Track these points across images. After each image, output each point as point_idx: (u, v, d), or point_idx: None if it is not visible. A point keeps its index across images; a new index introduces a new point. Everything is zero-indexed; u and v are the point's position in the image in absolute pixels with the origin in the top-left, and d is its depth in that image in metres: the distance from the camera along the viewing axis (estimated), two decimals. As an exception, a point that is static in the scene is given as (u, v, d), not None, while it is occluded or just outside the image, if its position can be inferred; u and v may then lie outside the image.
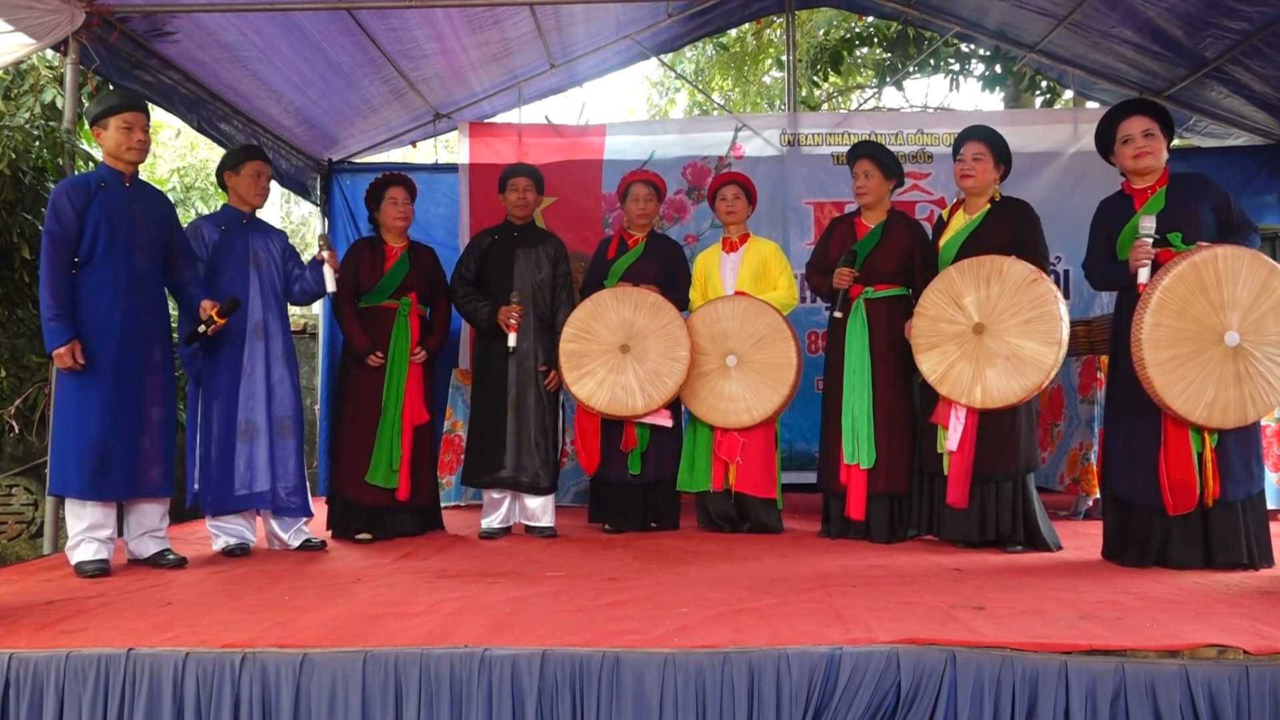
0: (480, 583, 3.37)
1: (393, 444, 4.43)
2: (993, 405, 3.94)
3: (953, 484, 4.02)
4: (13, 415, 4.29)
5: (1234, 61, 5.60)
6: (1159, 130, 3.75)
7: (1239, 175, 6.41)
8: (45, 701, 2.45)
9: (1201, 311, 3.48)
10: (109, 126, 3.76)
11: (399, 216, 4.56)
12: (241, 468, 4.11)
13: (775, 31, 10.00)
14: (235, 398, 4.11)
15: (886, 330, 4.35)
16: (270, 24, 4.96)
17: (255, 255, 4.24)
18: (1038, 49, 6.53)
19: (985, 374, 3.94)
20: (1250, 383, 3.46)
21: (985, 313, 3.96)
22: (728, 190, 4.79)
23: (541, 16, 5.82)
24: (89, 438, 3.61)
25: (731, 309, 4.58)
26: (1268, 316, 3.46)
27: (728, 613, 2.83)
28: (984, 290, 3.95)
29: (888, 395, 4.33)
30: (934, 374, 4.04)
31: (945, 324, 4.03)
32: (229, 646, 2.50)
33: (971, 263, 3.99)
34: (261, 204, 4.36)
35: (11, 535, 5.92)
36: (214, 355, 4.12)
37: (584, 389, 4.56)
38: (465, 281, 4.72)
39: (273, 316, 4.24)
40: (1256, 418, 3.51)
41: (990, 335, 3.95)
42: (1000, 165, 4.16)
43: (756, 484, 4.56)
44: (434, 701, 2.40)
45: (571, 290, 4.81)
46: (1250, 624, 2.61)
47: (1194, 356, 3.48)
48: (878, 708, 2.36)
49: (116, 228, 3.71)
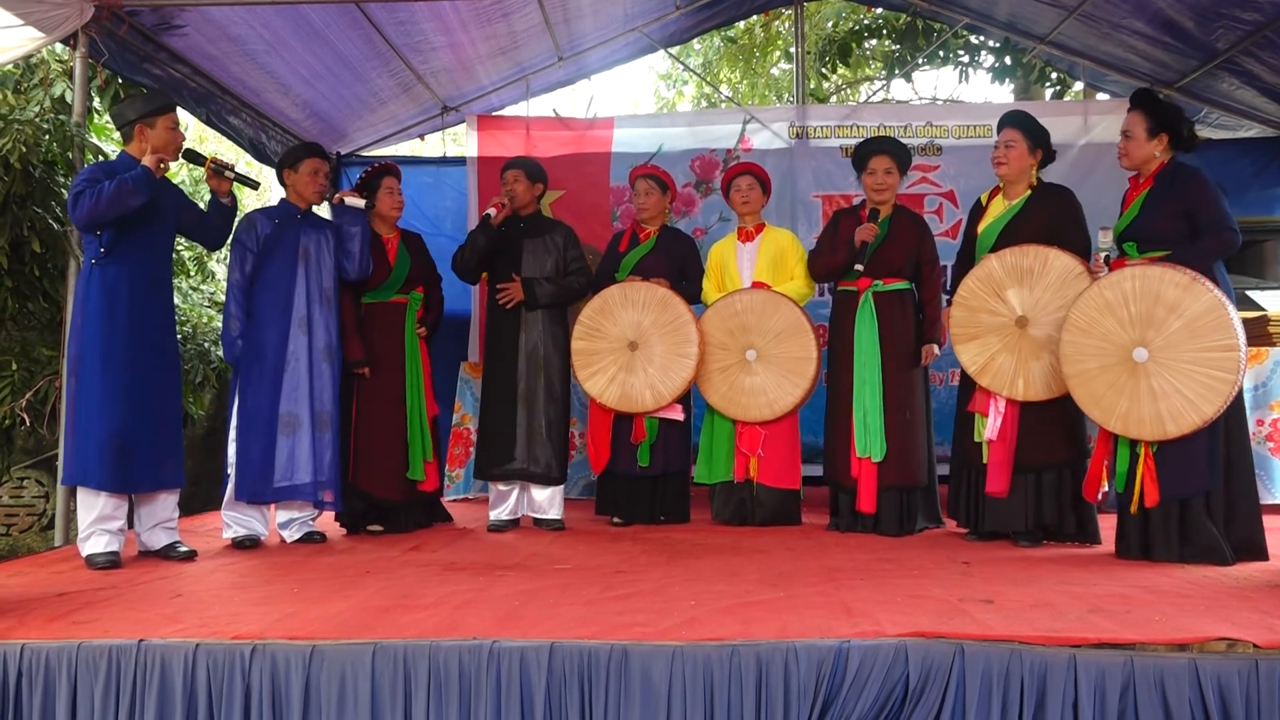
0: (488, 575, 3.38)
1: (423, 438, 4.48)
2: (1035, 398, 3.92)
3: (993, 473, 3.99)
4: (24, 408, 4.30)
5: (1246, 53, 5.56)
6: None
7: (1250, 167, 6.37)
8: (58, 692, 2.47)
9: (1109, 329, 3.56)
10: (156, 125, 3.82)
11: (395, 205, 4.58)
12: (283, 459, 4.13)
13: (784, 23, 9.95)
14: (278, 389, 4.15)
15: (895, 323, 4.34)
16: (279, 17, 4.96)
17: (305, 251, 4.26)
18: (1048, 40, 6.48)
19: (1030, 367, 3.91)
20: (1166, 400, 3.46)
21: (1028, 305, 3.91)
22: (742, 180, 4.77)
23: (549, 9, 5.80)
24: (110, 429, 3.64)
25: (749, 302, 4.56)
26: (1179, 335, 3.45)
27: (736, 605, 2.83)
28: (1026, 282, 3.91)
29: (897, 388, 4.32)
30: (974, 365, 4.01)
31: (986, 315, 3.99)
32: (239, 638, 2.51)
33: (1013, 252, 3.94)
34: (319, 201, 4.38)
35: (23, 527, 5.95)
36: (255, 346, 4.16)
37: (595, 386, 4.58)
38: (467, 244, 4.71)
39: (318, 312, 4.25)
40: (1178, 433, 3.47)
41: (1035, 327, 3.91)
42: (1037, 150, 4.08)
43: (779, 476, 4.56)
44: (443, 693, 2.41)
45: (588, 273, 4.80)
46: (1260, 617, 2.61)
47: (1102, 372, 3.58)
48: (886, 700, 2.36)
49: (140, 220, 3.75)
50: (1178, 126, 3.72)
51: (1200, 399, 3.42)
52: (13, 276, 4.38)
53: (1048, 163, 4.16)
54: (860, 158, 4.49)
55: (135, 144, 3.82)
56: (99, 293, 3.69)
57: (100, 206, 3.59)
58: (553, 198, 6.43)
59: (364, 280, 4.43)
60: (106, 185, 3.60)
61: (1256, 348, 4.94)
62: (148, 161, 3.70)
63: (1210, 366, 3.41)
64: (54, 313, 4.49)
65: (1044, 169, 4.16)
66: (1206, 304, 3.42)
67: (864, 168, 4.46)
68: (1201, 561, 3.47)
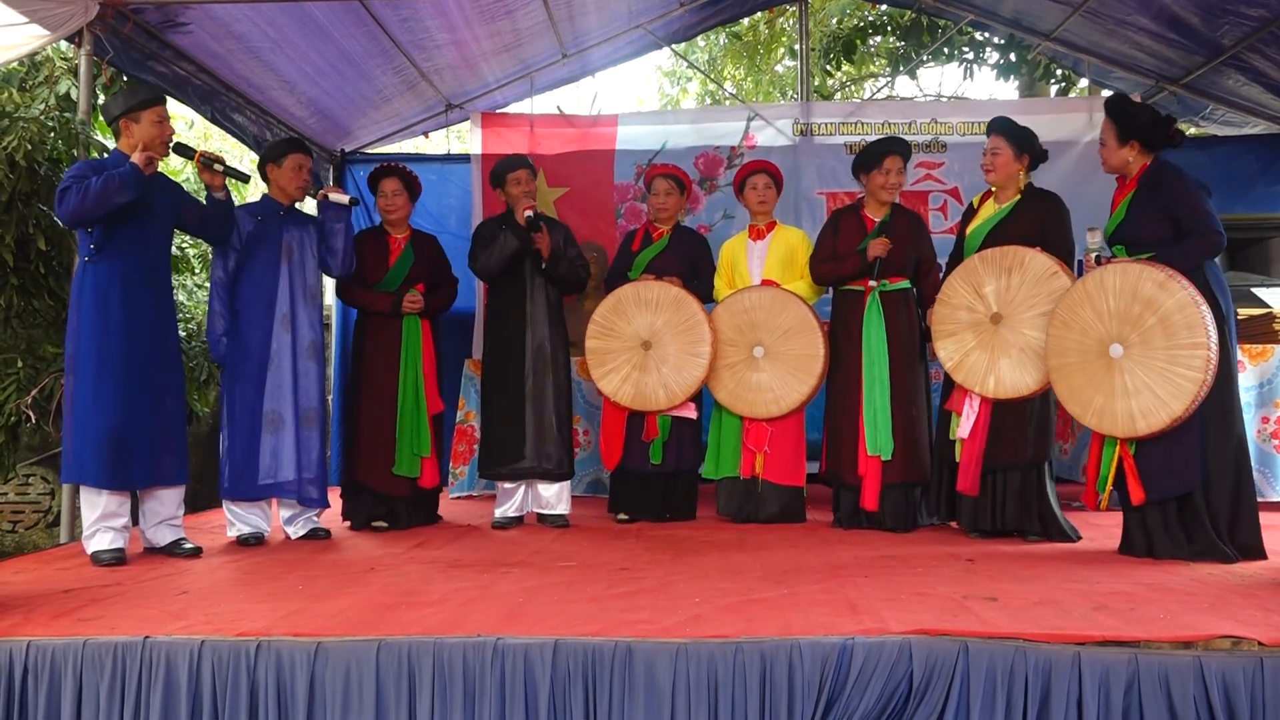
0: (493, 572, 3.38)
1: (415, 433, 4.47)
2: (1005, 395, 3.96)
3: (963, 471, 4.07)
4: (29, 405, 4.31)
5: (1251, 49, 5.54)
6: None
7: (1255, 164, 6.36)
8: (63, 689, 2.48)
9: (1087, 324, 3.60)
10: (141, 120, 3.78)
11: (387, 208, 4.58)
12: (266, 457, 4.14)
13: (788, 20, 9.93)
14: (262, 387, 4.15)
15: (899, 322, 4.37)
16: (283, 15, 4.97)
17: (288, 247, 4.25)
18: (1053, 37, 6.47)
19: (999, 364, 3.97)
20: (1138, 397, 3.47)
21: (1003, 303, 3.97)
22: (758, 179, 4.77)
23: (553, 6, 5.80)
24: (106, 427, 3.64)
25: (758, 299, 4.57)
26: (1154, 331, 3.45)
27: (740, 603, 2.83)
28: (1004, 280, 3.97)
29: (903, 387, 4.34)
30: (950, 361, 4.08)
31: (964, 312, 4.06)
32: (244, 635, 2.52)
33: (995, 252, 4.00)
34: (301, 197, 4.36)
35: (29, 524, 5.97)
36: (240, 343, 4.16)
37: (609, 385, 4.60)
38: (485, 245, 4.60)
39: (302, 309, 4.25)
40: (1149, 430, 3.47)
41: (1007, 326, 3.96)
42: (1023, 156, 4.12)
43: (784, 473, 4.57)
44: (447, 690, 2.41)
45: (588, 268, 4.81)
46: (1265, 615, 2.60)
47: (1081, 366, 3.61)
48: (890, 698, 2.36)
49: (130, 217, 3.73)
50: (1150, 131, 3.71)
51: (1170, 397, 3.43)
52: (18, 274, 4.39)
53: (1038, 164, 4.19)
54: (873, 156, 4.45)
55: (124, 140, 3.79)
56: (92, 290, 3.68)
57: (86, 203, 3.55)
58: (556, 195, 6.43)
59: (348, 276, 4.43)
60: (94, 181, 3.56)
61: (1262, 345, 4.93)
62: (137, 159, 3.65)
63: (1180, 365, 3.41)
64: (59, 310, 4.50)
65: (1036, 169, 4.19)
66: (1179, 301, 3.41)
67: (877, 166, 4.43)
68: (1206, 559, 3.46)
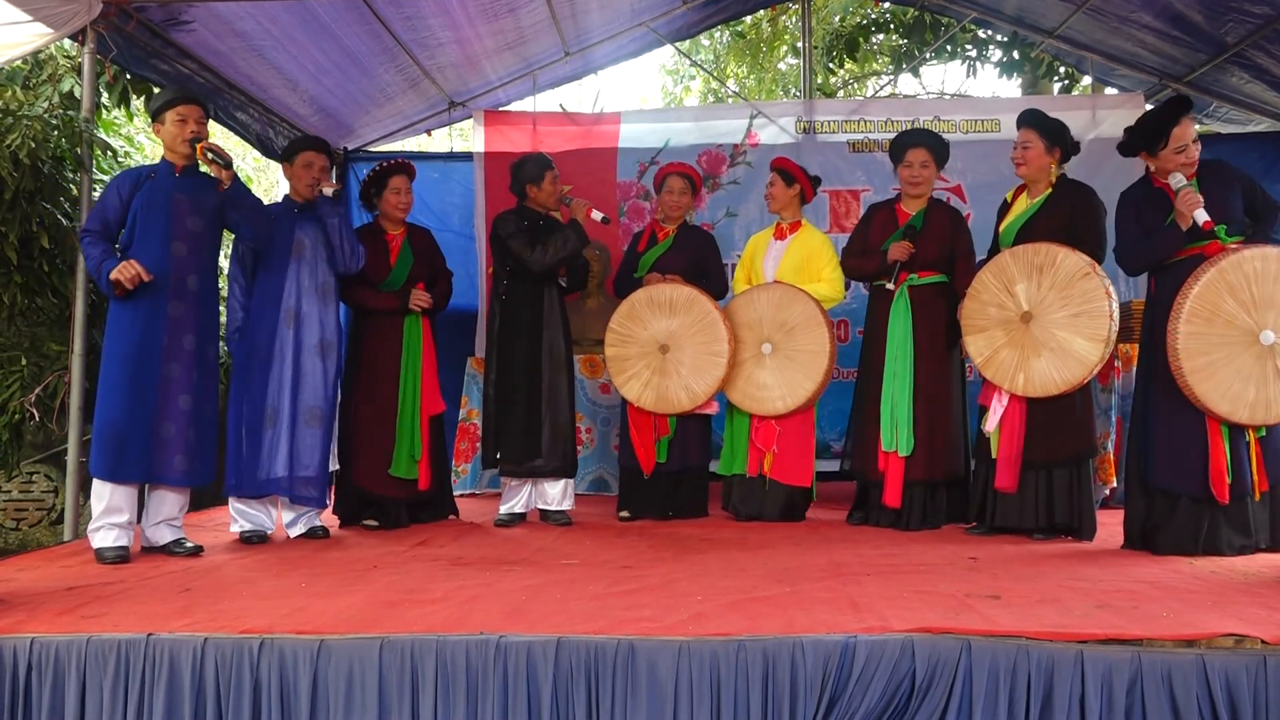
0: (496, 570, 3.39)
1: (413, 436, 4.46)
2: (1034, 394, 3.93)
3: (1001, 468, 4.01)
4: (33, 403, 4.32)
5: (1255, 46, 5.53)
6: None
7: (1259, 162, 6.33)
8: (67, 685, 2.49)
9: (1232, 314, 3.47)
10: (165, 120, 3.88)
11: (400, 205, 4.56)
12: (264, 454, 4.14)
13: (791, 18, 9.93)
14: (266, 384, 4.15)
15: (929, 317, 4.34)
16: (286, 13, 4.97)
17: (299, 245, 4.25)
18: (1056, 34, 6.46)
19: (1030, 363, 3.93)
20: None
21: (1034, 301, 3.92)
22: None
23: (556, 4, 5.80)
24: (105, 420, 3.71)
25: (765, 296, 4.57)
26: None
27: (742, 601, 2.83)
28: (1035, 278, 3.93)
29: (929, 382, 4.31)
30: (980, 357, 4.05)
31: (995, 309, 4.02)
32: (247, 632, 2.52)
33: (1026, 249, 3.96)
34: (312, 194, 4.30)
35: (32, 522, 5.97)
36: (248, 339, 4.19)
37: (631, 390, 4.61)
38: (529, 241, 4.52)
39: (310, 306, 4.23)
40: None
41: (1037, 325, 3.92)
42: (1055, 149, 4.08)
43: (792, 473, 4.55)
44: (450, 688, 2.42)
45: (587, 265, 4.82)
46: (1268, 613, 2.60)
47: (1229, 361, 3.48)
48: (892, 696, 2.36)
49: (154, 217, 3.79)
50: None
51: None
52: (21, 272, 4.39)
53: (1069, 157, 4.15)
54: (898, 149, 4.47)
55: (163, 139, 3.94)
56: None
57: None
58: (559, 193, 6.43)
59: (358, 273, 4.35)
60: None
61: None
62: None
63: None
64: (63, 308, 4.50)
65: (1067, 163, 4.16)
66: None
67: (901, 159, 4.44)
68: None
